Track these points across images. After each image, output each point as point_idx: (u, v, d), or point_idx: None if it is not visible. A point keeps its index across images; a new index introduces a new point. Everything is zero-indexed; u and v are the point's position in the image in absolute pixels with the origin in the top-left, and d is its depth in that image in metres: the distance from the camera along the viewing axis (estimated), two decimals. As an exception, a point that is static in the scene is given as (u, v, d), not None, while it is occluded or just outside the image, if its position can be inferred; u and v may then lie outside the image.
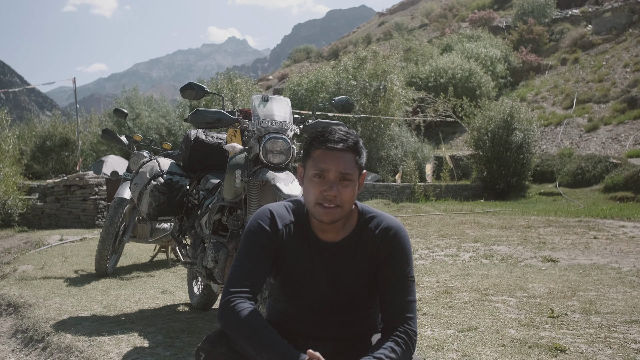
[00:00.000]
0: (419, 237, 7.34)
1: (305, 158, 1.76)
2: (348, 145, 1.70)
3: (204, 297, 3.84)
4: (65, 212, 9.48)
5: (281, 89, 27.41)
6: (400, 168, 16.79)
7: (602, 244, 6.57)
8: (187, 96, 3.20)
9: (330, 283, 1.77)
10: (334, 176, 1.68)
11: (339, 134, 1.71)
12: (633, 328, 3.17)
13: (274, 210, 1.79)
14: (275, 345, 1.57)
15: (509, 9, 39.74)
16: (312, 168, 1.70)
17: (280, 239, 1.76)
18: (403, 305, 1.72)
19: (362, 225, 1.79)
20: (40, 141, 20.04)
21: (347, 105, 3.44)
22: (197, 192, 3.72)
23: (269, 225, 1.75)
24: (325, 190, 1.68)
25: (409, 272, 1.75)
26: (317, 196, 1.69)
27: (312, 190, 1.70)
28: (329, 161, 1.68)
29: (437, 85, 24.02)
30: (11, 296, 4.28)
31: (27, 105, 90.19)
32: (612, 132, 19.84)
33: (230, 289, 1.68)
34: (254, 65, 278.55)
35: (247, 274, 1.69)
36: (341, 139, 1.70)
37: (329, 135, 1.71)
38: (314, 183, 1.69)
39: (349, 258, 1.77)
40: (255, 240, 1.73)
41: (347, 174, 1.69)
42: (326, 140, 1.70)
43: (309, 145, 1.74)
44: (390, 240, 1.75)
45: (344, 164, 1.69)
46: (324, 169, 1.68)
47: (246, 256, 1.72)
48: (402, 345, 1.66)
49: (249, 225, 1.78)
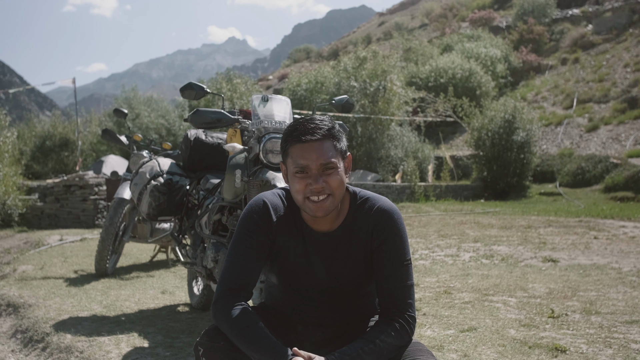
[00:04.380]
0: (419, 237, 7.34)
1: (284, 156, 1.71)
2: (323, 134, 1.66)
3: (204, 297, 3.84)
4: (65, 212, 9.47)
5: (281, 89, 27.40)
6: (400, 168, 16.79)
7: (602, 244, 6.57)
8: (187, 96, 3.20)
9: (327, 272, 1.75)
10: (315, 169, 1.64)
11: (312, 125, 1.66)
12: (633, 328, 3.16)
13: (268, 201, 1.75)
14: (264, 343, 1.56)
15: (509, 8, 39.72)
16: (292, 165, 1.66)
17: (275, 231, 1.73)
18: (400, 290, 1.69)
19: (355, 209, 1.74)
20: (40, 141, 20.04)
21: (347, 105, 3.43)
22: (197, 192, 3.72)
23: (263, 217, 1.72)
24: (310, 184, 1.64)
25: (405, 255, 1.71)
26: (304, 191, 1.65)
27: (297, 186, 1.66)
28: (307, 155, 1.64)
29: (437, 85, 24.00)
30: (11, 296, 4.28)
31: (26, 105, 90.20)
32: (612, 132, 19.83)
33: (222, 286, 1.67)
34: (254, 65, 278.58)
35: (240, 270, 1.67)
36: (315, 129, 1.65)
37: (301, 127, 1.66)
38: (298, 179, 1.65)
39: (345, 246, 1.74)
40: (249, 234, 1.70)
41: (329, 163, 1.64)
42: (300, 134, 1.65)
43: (284, 142, 1.70)
44: (385, 223, 1.72)
45: (323, 154, 1.64)
46: (304, 165, 1.64)
47: (239, 251, 1.69)
48: (399, 330, 1.64)
49: (241, 218, 1.74)
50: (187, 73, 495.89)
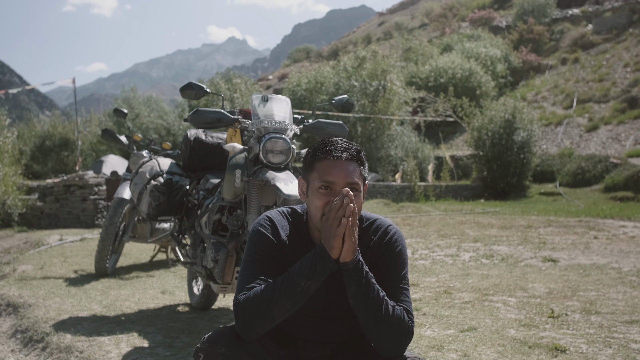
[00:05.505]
0: (419, 237, 7.33)
1: (307, 171, 1.70)
2: (352, 155, 1.66)
3: (204, 297, 3.84)
4: (64, 212, 9.47)
5: (281, 88, 27.39)
6: (400, 168, 16.79)
7: (602, 243, 6.57)
8: (187, 96, 3.20)
9: (331, 292, 1.75)
10: (341, 187, 1.63)
11: (342, 144, 1.67)
12: (633, 328, 3.16)
13: (274, 219, 1.76)
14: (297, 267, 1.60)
15: (509, 8, 39.70)
16: (317, 180, 1.65)
17: (283, 247, 1.74)
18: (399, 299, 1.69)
19: (362, 232, 1.75)
20: (40, 141, 20.03)
21: (347, 105, 3.43)
22: (197, 192, 3.72)
23: (272, 232, 1.73)
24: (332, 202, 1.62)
25: (405, 275, 1.74)
26: (323, 208, 1.64)
27: (318, 202, 1.65)
28: (335, 172, 1.63)
29: (437, 85, 24.00)
30: (11, 296, 4.28)
31: (26, 105, 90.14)
32: (612, 132, 19.83)
33: (239, 286, 1.67)
34: (253, 65, 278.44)
35: (254, 279, 1.66)
36: (345, 149, 1.66)
37: (332, 145, 1.67)
38: (320, 194, 1.64)
39: None
40: (259, 247, 1.71)
41: (355, 183, 1.64)
42: (330, 151, 1.65)
43: (311, 157, 1.69)
44: (389, 245, 1.74)
45: (351, 173, 1.64)
46: (331, 181, 1.63)
47: (251, 264, 1.69)
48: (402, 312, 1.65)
49: (251, 234, 1.75)
50: (187, 73, 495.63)
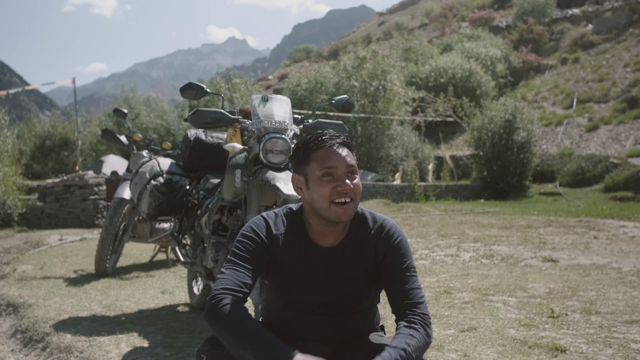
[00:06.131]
0: (419, 237, 7.33)
1: (303, 164, 1.73)
2: (343, 141, 1.74)
3: (204, 297, 3.84)
4: (64, 212, 9.47)
5: (281, 88, 27.40)
6: (400, 168, 16.78)
7: (602, 243, 6.57)
8: (187, 96, 3.20)
9: (330, 287, 1.76)
10: (343, 171, 1.69)
11: (332, 133, 1.74)
12: (633, 328, 3.16)
13: (269, 219, 1.78)
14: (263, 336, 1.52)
15: (509, 8, 39.72)
16: (318, 169, 1.69)
17: (276, 246, 1.74)
18: (411, 292, 1.71)
19: (357, 225, 1.78)
20: (40, 141, 20.03)
21: (347, 105, 3.43)
22: (197, 192, 3.72)
23: (264, 232, 1.74)
24: (339, 186, 1.67)
25: (410, 262, 1.75)
26: (331, 194, 1.67)
27: (323, 190, 1.68)
28: (335, 157, 1.69)
29: (437, 85, 24.00)
30: (11, 296, 4.28)
31: (26, 105, 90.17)
32: (612, 131, 19.83)
33: (216, 287, 1.64)
34: (253, 65, 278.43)
35: (234, 278, 1.65)
36: (336, 136, 1.73)
37: (322, 136, 1.73)
38: (324, 182, 1.68)
39: (348, 260, 1.76)
40: (245, 247, 1.71)
41: (353, 166, 1.71)
42: (323, 140, 1.72)
43: (305, 150, 1.73)
44: (388, 235, 1.76)
45: (348, 157, 1.71)
46: (333, 166, 1.68)
47: (234, 263, 1.69)
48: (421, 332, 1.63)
49: (241, 233, 1.76)
50: (187, 73, 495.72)
